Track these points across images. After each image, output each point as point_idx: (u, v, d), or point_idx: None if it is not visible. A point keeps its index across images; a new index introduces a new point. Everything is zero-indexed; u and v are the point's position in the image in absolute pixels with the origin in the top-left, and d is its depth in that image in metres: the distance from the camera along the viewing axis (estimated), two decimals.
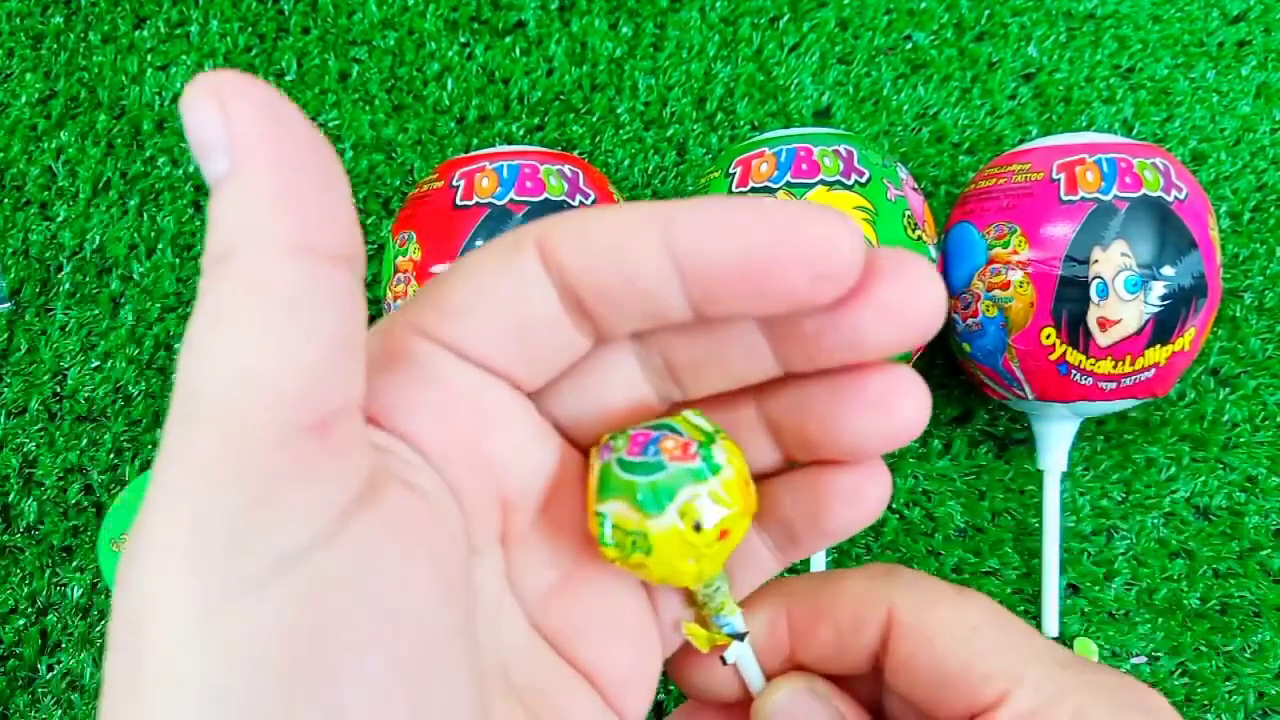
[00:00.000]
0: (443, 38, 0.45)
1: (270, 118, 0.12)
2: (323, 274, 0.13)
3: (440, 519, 0.15)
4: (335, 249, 0.13)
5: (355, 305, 0.13)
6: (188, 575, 0.12)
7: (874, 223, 0.34)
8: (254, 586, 0.12)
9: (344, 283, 0.13)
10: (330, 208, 0.13)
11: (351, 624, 0.12)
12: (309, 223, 0.13)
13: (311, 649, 0.12)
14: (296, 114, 0.13)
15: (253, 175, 0.12)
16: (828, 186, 0.33)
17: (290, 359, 0.12)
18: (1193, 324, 0.34)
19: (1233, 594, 0.40)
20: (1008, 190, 0.35)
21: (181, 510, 0.12)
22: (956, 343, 0.37)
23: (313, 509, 0.12)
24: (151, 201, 0.43)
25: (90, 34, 0.45)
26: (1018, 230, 0.34)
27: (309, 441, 0.12)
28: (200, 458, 0.12)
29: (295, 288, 0.12)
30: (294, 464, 0.12)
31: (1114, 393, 0.35)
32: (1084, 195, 0.34)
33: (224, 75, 0.12)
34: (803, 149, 0.34)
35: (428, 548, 0.14)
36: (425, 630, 0.13)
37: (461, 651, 0.14)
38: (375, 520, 0.13)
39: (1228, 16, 0.45)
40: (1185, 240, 0.34)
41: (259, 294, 0.12)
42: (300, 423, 0.12)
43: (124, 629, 0.12)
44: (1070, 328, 0.34)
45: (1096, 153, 0.34)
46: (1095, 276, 0.33)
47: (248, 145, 0.12)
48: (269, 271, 0.12)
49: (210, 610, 0.11)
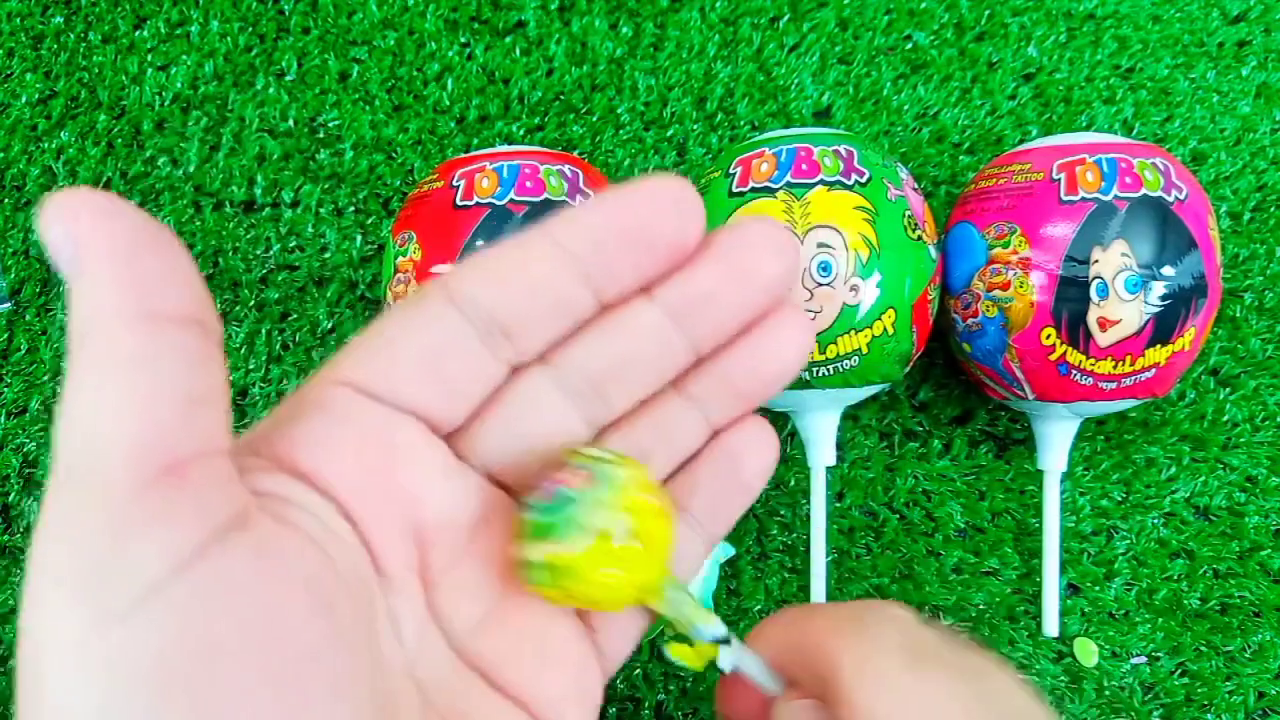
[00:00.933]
0: (443, 38, 0.45)
1: (107, 218, 0.14)
2: (165, 337, 0.14)
3: (321, 550, 0.16)
4: (179, 312, 0.15)
5: (205, 360, 0.15)
6: (67, 610, 0.13)
7: (874, 223, 0.33)
8: (121, 617, 0.13)
9: (189, 342, 0.15)
10: (169, 278, 0.15)
11: (216, 645, 0.14)
12: (148, 294, 0.14)
13: (180, 669, 0.13)
14: (132, 210, 0.15)
15: (95, 268, 0.14)
16: (828, 186, 0.33)
17: (136, 416, 0.14)
18: (1193, 324, 0.34)
19: (1233, 594, 0.40)
20: (1008, 190, 0.35)
21: (59, 557, 0.14)
22: (956, 343, 0.37)
23: (169, 545, 0.14)
24: (151, 201, 0.43)
25: (90, 34, 0.45)
26: (1018, 230, 0.34)
27: (162, 487, 0.14)
28: (69, 513, 0.14)
29: (136, 352, 0.14)
30: (148, 508, 0.14)
31: (1114, 393, 0.35)
32: (1084, 195, 0.34)
33: (68, 195, 0.14)
34: (803, 149, 0.34)
35: (299, 575, 0.15)
36: (295, 648, 0.14)
37: (345, 668, 0.15)
38: (238, 551, 0.14)
39: (1228, 16, 0.45)
40: (1185, 240, 0.34)
41: (105, 364, 0.14)
42: (151, 471, 0.14)
43: (26, 664, 0.14)
44: (1070, 328, 0.34)
45: (1097, 153, 0.34)
46: (1095, 276, 0.33)
47: (89, 246, 0.14)
48: (112, 343, 0.14)
49: (87, 639, 0.13)
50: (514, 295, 0.18)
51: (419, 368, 0.18)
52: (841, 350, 0.34)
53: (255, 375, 0.41)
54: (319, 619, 0.15)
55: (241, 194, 0.43)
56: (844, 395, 0.36)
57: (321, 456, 0.17)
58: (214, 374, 0.15)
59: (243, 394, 0.41)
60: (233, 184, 0.43)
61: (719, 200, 0.34)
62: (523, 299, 0.18)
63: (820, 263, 0.33)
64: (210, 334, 0.15)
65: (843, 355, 0.34)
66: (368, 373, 0.18)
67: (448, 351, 0.18)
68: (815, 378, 0.34)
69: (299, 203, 0.43)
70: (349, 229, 0.43)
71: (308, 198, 0.43)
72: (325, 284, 0.42)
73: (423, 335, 0.18)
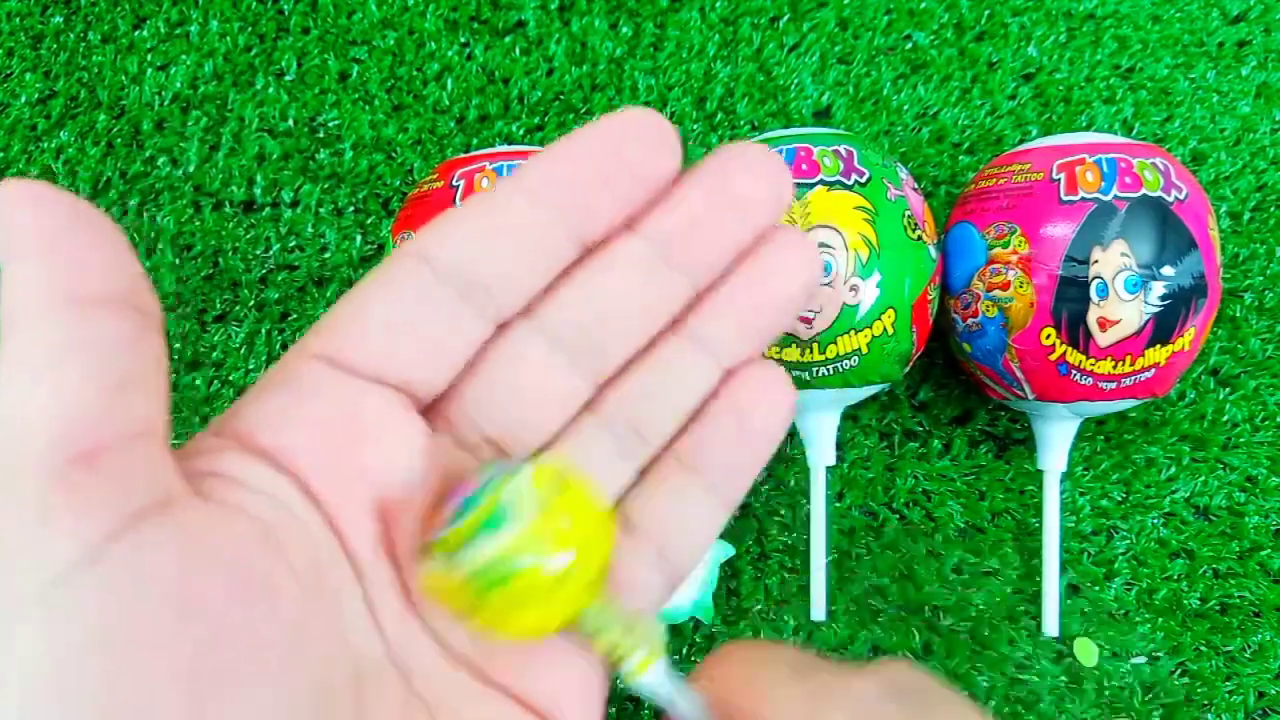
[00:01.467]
0: (443, 38, 0.45)
1: (35, 205, 0.14)
2: (91, 322, 0.14)
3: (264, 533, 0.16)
4: (108, 296, 0.14)
5: (136, 344, 0.15)
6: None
7: (874, 222, 0.33)
8: (35, 604, 0.13)
9: (119, 326, 0.14)
10: (99, 263, 0.14)
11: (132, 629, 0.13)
12: (75, 279, 0.14)
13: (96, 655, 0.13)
14: (64, 197, 0.14)
15: (22, 255, 0.14)
16: (828, 186, 0.33)
17: (53, 404, 0.14)
18: (1193, 324, 0.34)
19: (1233, 594, 0.40)
20: (1008, 190, 0.35)
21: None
22: (956, 343, 0.37)
23: (77, 534, 0.13)
24: (151, 201, 0.43)
25: (90, 34, 0.45)
26: (1018, 230, 0.34)
27: (75, 475, 0.14)
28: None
29: (59, 339, 0.14)
30: (59, 497, 0.13)
31: (1114, 393, 0.35)
32: (1084, 195, 0.34)
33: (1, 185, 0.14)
34: (803, 149, 0.34)
35: (223, 560, 0.15)
36: (211, 636, 0.14)
37: (276, 656, 0.15)
38: (154, 537, 0.14)
39: (1228, 16, 0.45)
40: (1185, 240, 0.34)
41: (27, 349, 0.14)
42: (64, 459, 0.13)
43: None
44: (1070, 328, 0.34)
45: (1096, 153, 0.34)
46: (1095, 276, 0.33)
47: (17, 233, 0.14)
48: (35, 330, 0.14)
49: (6, 629, 0.13)
50: (490, 249, 0.17)
51: (393, 334, 0.17)
52: (841, 350, 0.34)
53: (255, 375, 0.41)
54: (245, 606, 0.14)
55: (241, 194, 0.43)
56: (844, 395, 0.36)
57: (284, 434, 0.17)
58: (146, 357, 0.15)
59: (241, 394, 0.41)
60: (232, 184, 0.43)
61: None
62: (500, 252, 0.18)
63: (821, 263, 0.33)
64: (145, 316, 0.15)
65: (843, 355, 0.34)
66: (339, 344, 0.17)
67: (423, 314, 0.17)
68: (815, 378, 0.34)
69: (299, 203, 0.43)
70: (349, 229, 0.43)
71: (307, 198, 0.43)
72: (325, 284, 0.42)
73: (395, 300, 0.17)
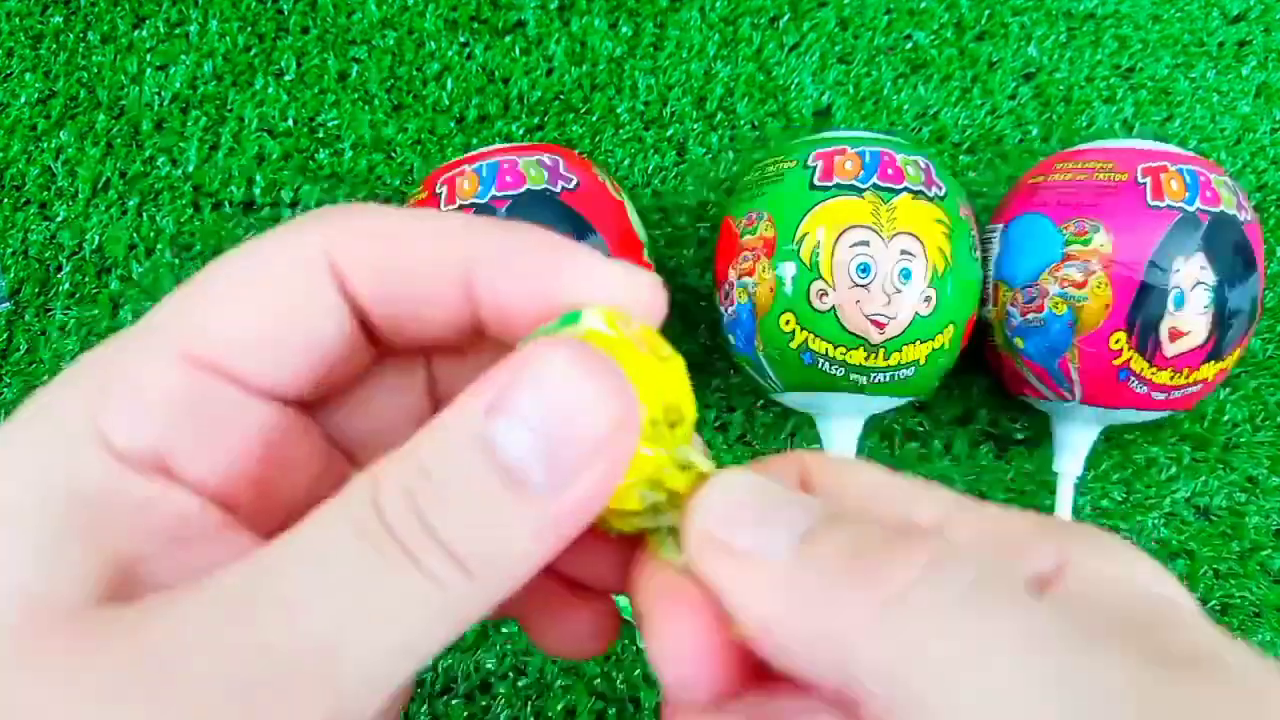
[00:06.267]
0: (442, 37, 0.45)
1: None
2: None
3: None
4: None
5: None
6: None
7: (950, 237, 0.33)
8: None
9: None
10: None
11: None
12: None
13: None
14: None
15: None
16: (913, 195, 0.33)
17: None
18: (1239, 345, 0.34)
19: (1233, 594, 0.40)
20: (1090, 186, 0.35)
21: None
22: (1005, 337, 0.36)
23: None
24: (151, 201, 0.43)
25: (90, 34, 0.45)
26: (1100, 228, 0.34)
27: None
28: None
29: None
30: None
31: (1159, 403, 0.34)
32: (1170, 203, 0.33)
33: None
34: (885, 153, 0.34)
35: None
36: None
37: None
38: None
39: (1228, 16, 0.45)
40: (1249, 262, 0.34)
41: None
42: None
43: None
44: (1142, 334, 0.33)
45: (1177, 162, 0.34)
46: (1175, 286, 0.33)
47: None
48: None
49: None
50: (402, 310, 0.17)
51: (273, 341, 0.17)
52: (905, 359, 0.33)
53: None
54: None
55: (240, 194, 0.43)
56: (871, 403, 0.35)
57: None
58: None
59: None
60: (232, 184, 0.43)
61: (799, 192, 0.34)
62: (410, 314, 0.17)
63: (901, 269, 0.33)
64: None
65: (904, 364, 0.34)
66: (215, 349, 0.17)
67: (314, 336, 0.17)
68: (870, 383, 0.34)
69: (298, 203, 0.43)
70: None
71: (307, 197, 0.43)
72: None
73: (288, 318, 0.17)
